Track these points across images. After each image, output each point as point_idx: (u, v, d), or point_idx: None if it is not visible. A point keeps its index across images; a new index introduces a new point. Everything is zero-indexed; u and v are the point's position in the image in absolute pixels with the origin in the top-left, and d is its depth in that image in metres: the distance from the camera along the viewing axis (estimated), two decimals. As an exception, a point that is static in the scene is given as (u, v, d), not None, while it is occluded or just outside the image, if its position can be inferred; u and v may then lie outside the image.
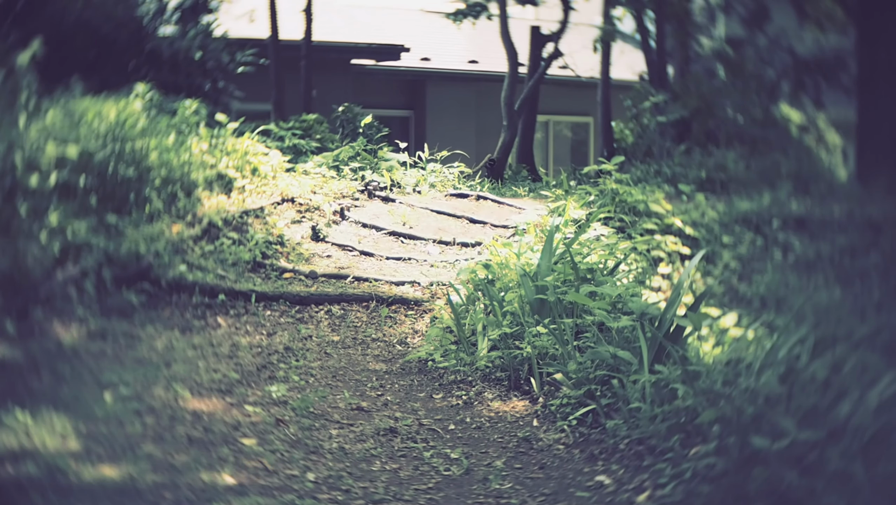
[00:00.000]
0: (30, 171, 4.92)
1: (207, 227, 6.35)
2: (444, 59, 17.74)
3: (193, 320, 5.23)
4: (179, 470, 3.09)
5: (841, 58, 12.47)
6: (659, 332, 3.92)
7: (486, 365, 4.61)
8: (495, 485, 3.27)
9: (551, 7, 14.35)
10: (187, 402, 3.87)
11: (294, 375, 4.51)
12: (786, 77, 13.10)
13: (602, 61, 14.23)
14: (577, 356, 4.10)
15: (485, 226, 7.99)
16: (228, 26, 10.67)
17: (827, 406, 2.80)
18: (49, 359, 4.10)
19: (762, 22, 13.02)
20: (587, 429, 3.75)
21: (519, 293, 4.87)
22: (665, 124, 11.78)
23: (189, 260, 5.82)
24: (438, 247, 7.34)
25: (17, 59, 5.32)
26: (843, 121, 11.95)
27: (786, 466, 2.65)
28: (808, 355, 3.22)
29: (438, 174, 9.70)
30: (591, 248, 5.62)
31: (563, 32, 13.73)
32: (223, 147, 7.37)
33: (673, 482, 2.96)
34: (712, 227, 7.40)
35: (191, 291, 5.51)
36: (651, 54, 13.57)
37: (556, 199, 8.05)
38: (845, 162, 11.58)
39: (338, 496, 3.07)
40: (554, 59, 13.72)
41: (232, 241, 6.36)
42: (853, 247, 6.81)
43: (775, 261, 6.84)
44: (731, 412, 2.97)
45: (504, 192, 10.42)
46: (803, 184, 9.38)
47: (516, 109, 13.42)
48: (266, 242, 6.55)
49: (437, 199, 8.87)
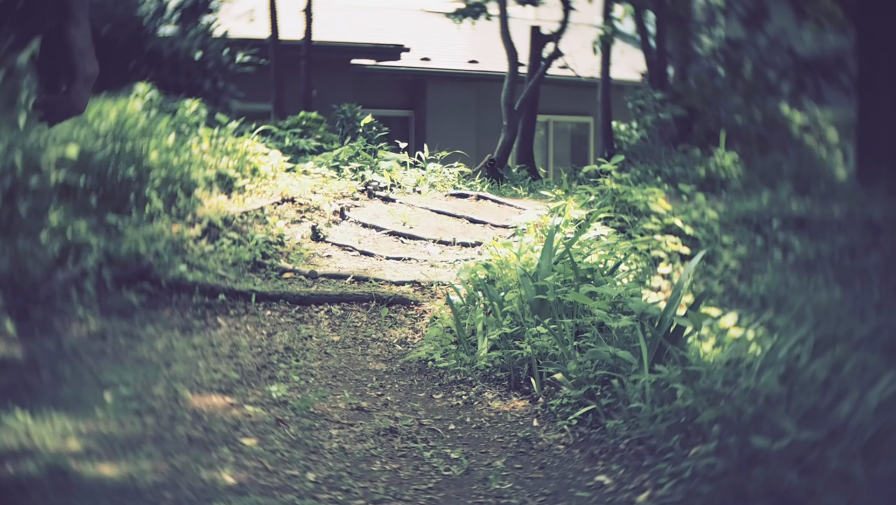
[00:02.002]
0: (30, 171, 4.93)
1: (207, 227, 6.35)
2: (444, 59, 17.74)
3: (193, 320, 5.23)
4: (179, 470, 3.09)
5: (841, 58, 12.47)
6: (659, 332, 3.92)
7: (486, 365, 4.61)
8: (495, 485, 3.27)
9: (551, 7, 14.35)
10: (187, 402, 3.87)
11: (294, 375, 4.51)
12: (786, 77, 13.09)
13: (602, 61, 14.23)
14: (577, 356, 4.10)
15: (485, 226, 7.99)
16: (228, 26, 10.67)
17: (827, 406, 2.80)
18: (49, 359, 4.10)
19: (762, 22, 13.02)
20: (587, 429, 3.75)
21: (519, 293, 4.87)
22: (665, 124, 11.78)
23: (189, 260, 5.82)
24: (438, 247, 7.34)
25: (17, 59, 5.32)
26: (843, 121, 11.95)
27: (786, 466, 2.65)
28: (808, 355, 3.22)
29: (438, 174, 9.70)
30: (591, 248, 5.62)
31: (563, 32, 13.74)
32: (223, 147, 7.37)
33: (673, 482, 2.96)
34: (712, 228, 7.40)
35: (191, 290, 5.51)
36: (651, 54, 13.57)
37: (556, 199, 8.05)
38: (845, 162, 11.58)
39: (338, 496, 3.07)
40: (554, 59, 13.73)
41: (232, 241, 6.36)
42: (853, 247, 6.81)
43: (775, 261, 6.84)
44: (731, 412, 2.97)
45: (504, 192, 10.42)
46: (803, 184, 9.38)
47: (516, 109, 13.42)
48: (266, 242, 6.55)
49: (437, 199, 8.87)
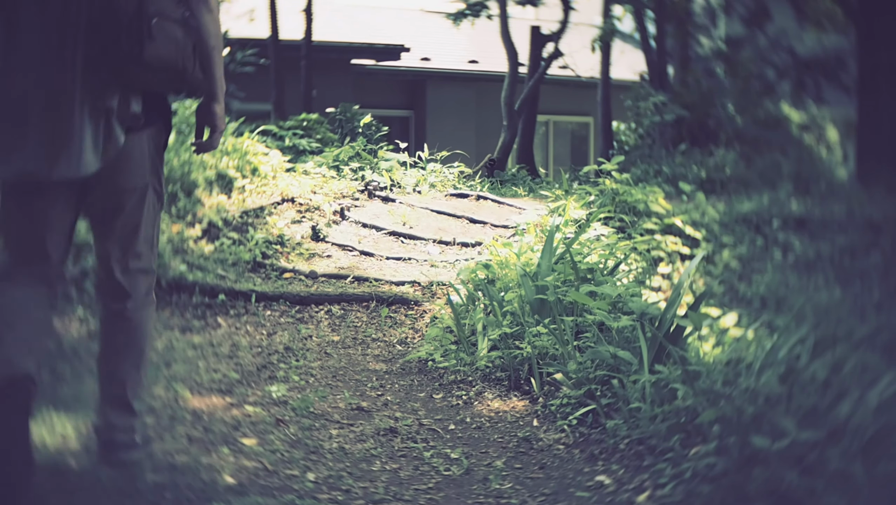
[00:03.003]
0: (30, 171, 4.92)
1: (207, 227, 6.36)
2: (444, 59, 17.75)
3: (193, 320, 5.24)
4: (179, 470, 3.09)
5: (841, 58, 12.49)
6: (659, 332, 3.92)
7: (486, 365, 4.61)
8: (495, 485, 3.27)
9: (551, 7, 14.36)
10: (187, 401, 3.87)
11: (294, 375, 4.51)
12: (786, 77, 13.10)
13: (602, 61, 14.24)
14: (577, 356, 4.10)
15: (485, 226, 7.99)
16: (228, 26, 10.69)
17: (827, 406, 2.80)
18: (49, 359, 4.10)
19: (763, 22, 13.03)
20: (587, 429, 3.75)
21: (519, 293, 4.87)
22: (665, 124, 11.79)
23: (189, 260, 5.82)
24: (438, 247, 7.35)
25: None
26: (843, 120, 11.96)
27: (786, 466, 2.65)
28: (808, 355, 3.22)
29: (438, 174, 9.71)
30: (592, 248, 5.62)
31: (563, 32, 13.74)
32: (223, 147, 7.38)
33: (673, 482, 2.96)
34: (712, 228, 7.40)
35: (191, 290, 5.51)
36: (651, 54, 13.58)
37: (556, 199, 8.06)
38: (845, 162, 11.59)
39: (338, 496, 3.07)
40: (554, 59, 13.74)
41: (232, 241, 6.36)
42: (853, 247, 6.81)
43: (775, 261, 6.84)
44: (731, 412, 2.96)
45: (504, 192, 10.43)
46: (803, 184, 9.39)
47: (516, 109, 13.43)
48: (266, 242, 6.56)
49: (437, 199, 8.87)
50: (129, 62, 2.69)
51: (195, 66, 2.86)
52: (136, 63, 2.70)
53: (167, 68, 2.76)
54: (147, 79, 2.78)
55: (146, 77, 2.76)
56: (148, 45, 2.68)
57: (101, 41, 2.66)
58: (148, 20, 2.68)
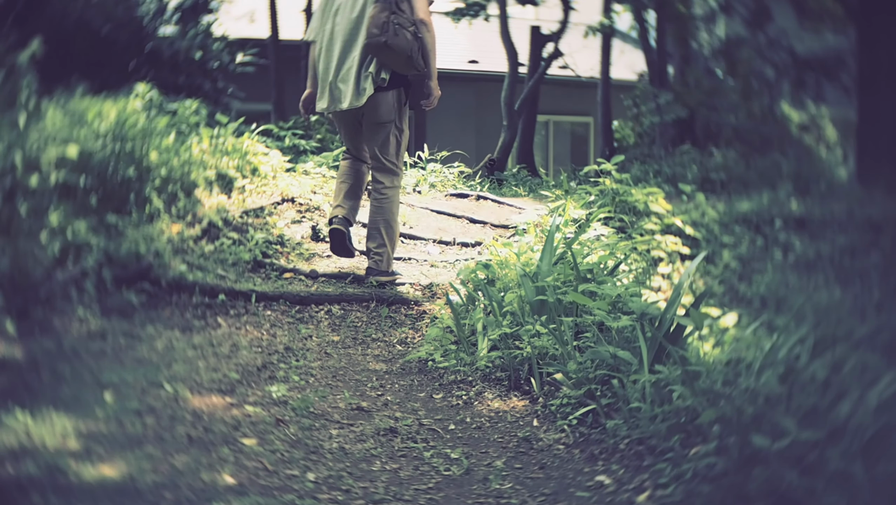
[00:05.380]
0: (30, 171, 4.92)
1: (207, 227, 6.35)
2: (443, 58, 17.74)
3: (193, 320, 5.23)
4: (179, 470, 3.09)
5: (841, 58, 12.48)
6: (659, 332, 3.92)
7: (486, 365, 4.61)
8: (495, 485, 3.27)
9: (551, 7, 14.36)
10: (187, 402, 3.87)
11: (294, 375, 4.51)
12: (786, 76, 13.10)
13: (602, 61, 14.24)
14: (577, 356, 4.10)
15: (485, 226, 7.99)
16: (228, 26, 10.69)
17: (827, 406, 2.80)
18: (49, 359, 4.10)
19: (763, 22, 13.03)
20: (587, 429, 3.75)
21: (519, 293, 4.87)
22: (665, 124, 11.79)
23: (189, 260, 5.82)
24: (438, 247, 7.34)
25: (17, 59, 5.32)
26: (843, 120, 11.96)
27: (786, 466, 2.65)
28: (808, 355, 3.22)
29: (438, 174, 9.71)
30: (591, 248, 5.62)
31: (563, 32, 13.74)
32: (223, 147, 7.37)
33: (673, 482, 2.96)
34: (712, 227, 7.40)
35: (191, 290, 5.50)
36: (651, 54, 13.58)
37: (556, 199, 8.05)
38: (845, 162, 11.59)
39: (338, 496, 3.07)
40: (554, 59, 13.73)
41: (232, 241, 6.36)
42: (853, 247, 6.81)
43: (775, 261, 6.84)
44: (731, 412, 2.96)
45: (504, 192, 10.43)
46: (803, 184, 9.39)
47: (516, 109, 13.42)
48: (266, 242, 6.55)
49: (437, 199, 8.87)
50: (382, 47, 5.24)
51: (419, 56, 5.29)
52: (385, 48, 5.23)
53: (401, 53, 5.23)
54: (391, 59, 5.29)
55: (390, 57, 5.28)
56: (392, 38, 5.18)
57: (369, 35, 5.24)
58: (393, 25, 5.19)
